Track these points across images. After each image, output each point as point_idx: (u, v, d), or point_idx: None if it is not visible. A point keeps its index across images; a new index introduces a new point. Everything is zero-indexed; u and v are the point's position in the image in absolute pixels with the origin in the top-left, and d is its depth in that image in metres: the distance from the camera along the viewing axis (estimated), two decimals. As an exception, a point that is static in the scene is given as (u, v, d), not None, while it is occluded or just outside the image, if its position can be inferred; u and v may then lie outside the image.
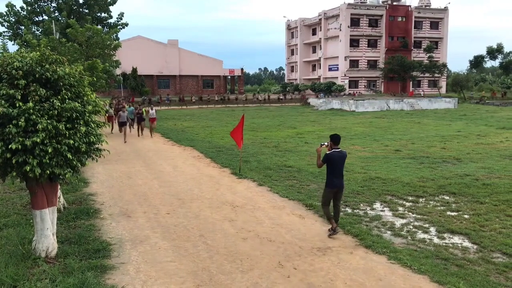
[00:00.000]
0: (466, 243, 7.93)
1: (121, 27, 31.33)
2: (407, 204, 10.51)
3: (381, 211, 10.01)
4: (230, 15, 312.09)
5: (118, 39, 27.68)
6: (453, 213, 9.67)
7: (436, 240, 8.09)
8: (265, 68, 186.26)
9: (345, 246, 7.69)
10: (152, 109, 23.69)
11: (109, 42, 22.80)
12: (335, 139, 8.29)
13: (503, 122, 30.57)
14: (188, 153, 18.35)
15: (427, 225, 8.87)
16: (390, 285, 6.15)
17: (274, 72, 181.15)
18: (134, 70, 62.89)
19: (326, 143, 8.38)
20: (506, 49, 70.93)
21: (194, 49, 74.87)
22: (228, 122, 31.60)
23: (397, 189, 11.73)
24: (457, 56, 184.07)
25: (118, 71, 37.95)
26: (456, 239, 8.15)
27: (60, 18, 35.29)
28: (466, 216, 9.43)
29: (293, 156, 17.01)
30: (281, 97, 61.89)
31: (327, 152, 8.19)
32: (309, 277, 6.44)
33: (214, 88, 71.71)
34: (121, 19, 30.76)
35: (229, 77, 78.70)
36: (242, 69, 76.36)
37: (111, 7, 37.17)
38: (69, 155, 6.22)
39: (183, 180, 12.99)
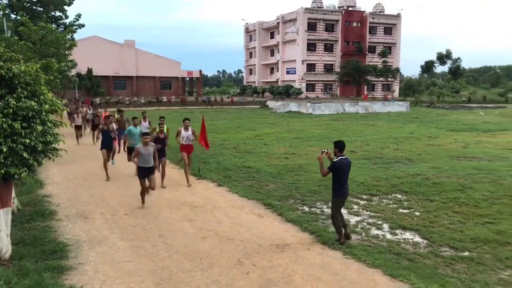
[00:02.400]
0: (417, 239, 8.32)
1: (77, 27, 30.50)
2: (362, 202, 10.89)
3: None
4: (189, 16, 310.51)
5: (73, 39, 26.94)
6: (405, 211, 10.10)
7: (388, 236, 8.44)
8: (224, 71, 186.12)
9: (303, 243, 7.90)
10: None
11: (64, 41, 22.18)
12: (340, 146, 7.87)
13: (452, 125, 31.96)
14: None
15: (380, 222, 9.23)
16: (345, 279, 6.39)
17: (233, 74, 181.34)
18: (89, 71, 61.39)
19: (326, 150, 8.04)
20: (454, 55, 74.06)
21: (152, 50, 74.12)
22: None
23: (352, 188, 12.05)
24: (409, 61, 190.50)
25: (73, 72, 36.89)
26: (408, 235, 8.53)
27: (12, 16, 34.06)
28: (417, 213, 9.87)
29: (252, 157, 17.18)
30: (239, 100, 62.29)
31: (335, 160, 7.80)
32: (267, 273, 6.59)
33: (172, 90, 71.00)
34: (78, 20, 29.95)
35: (188, 78, 78.17)
36: (200, 71, 76.05)
37: (67, 7, 36.16)
38: (25, 154, 6.11)
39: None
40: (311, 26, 73.54)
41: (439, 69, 78.87)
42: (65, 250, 7.24)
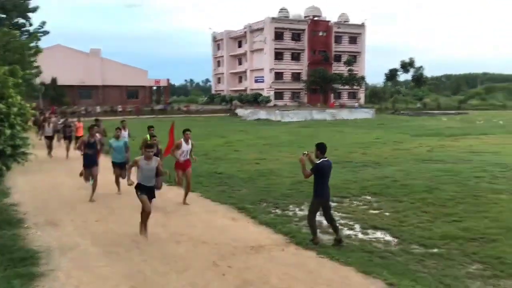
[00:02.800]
0: (388, 237, 8.51)
1: (41, 34, 29.87)
2: (333, 204, 10.99)
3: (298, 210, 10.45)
4: (156, 25, 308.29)
5: (38, 46, 26.35)
6: (375, 211, 10.32)
7: (360, 235, 8.60)
8: (191, 80, 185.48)
9: (277, 244, 7.96)
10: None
11: (28, 48, 21.69)
12: (322, 148, 8.02)
13: (416, 130, 32.82)
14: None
15: (352, 223, 9.40)
16: (320, 277, 6.48)
17: (200, 83, 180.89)
18: (54, 80, 60.08)
19: (307, 152, 8.15)
20: (417, 64, 76.13)
21: (119, 59, 73.09)
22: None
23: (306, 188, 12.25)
24: (374, 70, 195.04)
25: (37, 80, 36.00)
26: (379, 234, 8.71)
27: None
28: (387, 214, 10.09)
29: (223, 164, 17.19)
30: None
31: (317, 162, 7.93)
32: (243, 274, 6.61)
33: (139, 99, 70.28)
34: (42, 27, 29.33)
35: (155, 87, 77.53)
36: (168, 80, 75.68)
37: (30, 14, 35.34)
38: (-7, 158, 5.97)
39: (111, 189, 12.65)
40: (278, 35, 74.39)
41: (402, 77, 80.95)
42: (35, 257, 7.06)
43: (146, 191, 8.23)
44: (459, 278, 6.55)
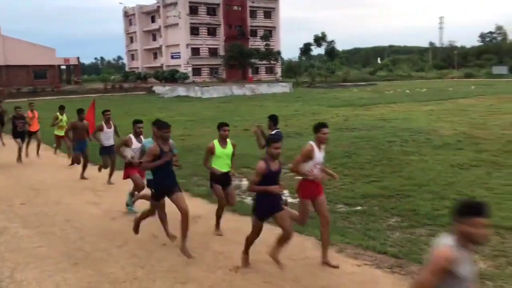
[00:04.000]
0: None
1: None
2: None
3: (239, 181, 10.84)
4: (62, 2, 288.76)
5: None
6: (300, 178, 10.89)
7: (289, 200, 9.08)
8: (102, 58, 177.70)
9: (213, 213, 8.21)
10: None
11: None
12: (275, 120, 8.12)
13: (331, 102, 34.37)
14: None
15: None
16: (258, 239, 6.85)
17: (112, 61, 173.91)
18: None
19: (258, 124, 8.29)
20: (329, 38, 78.82)
21: (24, 38, 67.62)
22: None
23: (250, 161, 12.65)
24: (289, 45, 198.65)
25: None
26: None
27: None
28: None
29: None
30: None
31: (272, 133, 7.92)
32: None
33: (48, 79, 66.16)
34: None
35: (64, 67, 73.39)
36: (78, 58, 71.86)
37: None
38: None
39: (33, 171, 12.15)
40: (193, 10, 73.14)
41: (316, 51, 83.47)
42: (-38, 244, 6.75)
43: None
44: (381, 230, 7.26)
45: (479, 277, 5.45)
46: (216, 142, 7.33)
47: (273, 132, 8.06)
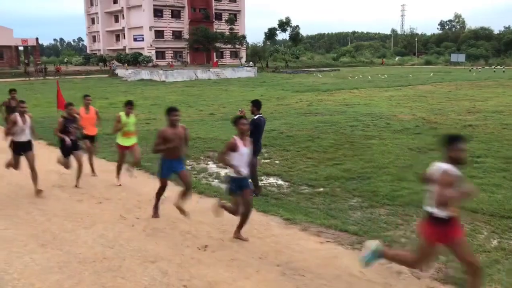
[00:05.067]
0: (280, 182, 9.39)
1: None
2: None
3: (206, 164, 10.99)
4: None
5: None
6: (266, 160, 11.14)
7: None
8: (61, 39, 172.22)
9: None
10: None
11: None
12: (257, 105, 8.31)
13: (296, 87, 34.73)
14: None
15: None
16: (224, 219, 7.06)
17: (72, 43, 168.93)
18: None
19: (242, 109, 8.43)
20: (294, 23, 79.05)
21: (-26, 16, 64.49)
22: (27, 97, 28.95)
23: (217, 145, 12.79)
24: (254, 29, 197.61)
25: None
26: (272, 180, 9.55)
27: None
28: (277, 162, 11.00)
29: (111, 125, 16.77)
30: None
31: (254, 118, 8.14)
32: (152, 223, 6.95)
33: (5, 60, 63.66)
34: None
35: (22, 48, 70.71)
36: (37, 39, 69.30)
37: None
38: None
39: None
40: (156, -8, 71.74)
41: (280, 36, 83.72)
42: None
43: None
44: (343, 210, 7.60)
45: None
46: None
47: (255, 117, 8.23)
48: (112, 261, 5.63)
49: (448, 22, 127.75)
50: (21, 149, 8.41)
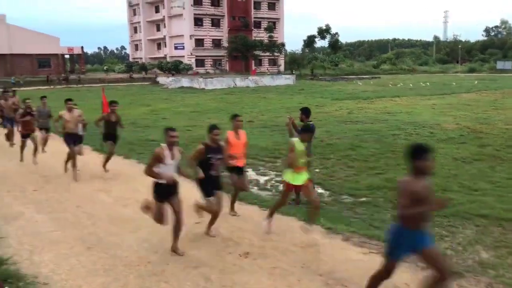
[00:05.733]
0: (320, 190, 9.28)
1: None
2: (267, 164, 11.70)
3: (245, 171, 11.01)
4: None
5: None
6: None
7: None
8: (105, 47, 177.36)
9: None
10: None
11: None
12: (307, 112, 8.22)
13: (335, 94, 34.46)
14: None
15: (287, 179, 10.08)
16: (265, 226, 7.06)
17: (115, 51, 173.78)
18: None
19: (290, 116, 8.36)
20: (333, 30, 78.60)
21: (27, 25, 67.62)
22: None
23: (256, 152, 12.85)
24: (292, 37, 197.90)
25: None
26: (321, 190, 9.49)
27: None
28: (317, 170, 10.89)
29: (153, 131, 17.19)
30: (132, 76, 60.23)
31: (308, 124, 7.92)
32: (195, 229, 7.02)
33: (52, 68, 66.23)
34: None
35: (68, 56, 73.42)
36: (82, 48, 71.87)
37: None
38: None
39: (40, 158, 12.30)
40: (197, 1, 73.02)
41: (319, 43, 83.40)
42: (-21, 227, 6.96)
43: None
44: (386, 221, 7.42)
45: (482, 267, 5.66)
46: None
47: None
48: (156, 266, 5.73)
49: (494, 28, 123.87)
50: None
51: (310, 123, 8.11)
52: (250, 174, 10.76)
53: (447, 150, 12.79)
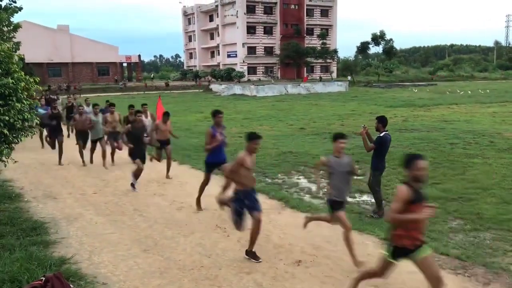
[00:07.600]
0: (374, 200, 9.09)
1: (14, 9, 28.86)
2: (319, 172, 11.56)
3: (297, 179, 10.98)
4: (123, 0, 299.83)
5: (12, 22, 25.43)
6: (359, 177, 10.84)
7: (349, 199, 9.13)
8: (161, 55, 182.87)
9: (273, 208, 8.45)
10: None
11: (7, 22, 21.06)
12: (383, 121, 7.95)
13: (389, 102, 33.73)
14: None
15: (339, 188, 9.94)
16: (319, 235, 7.01)
17: (170, 59, 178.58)
18: (21, 58, 58.30)
19: (365, 125, 8.33)
20: (388, 36, 76.96)
21: (87, 35, 71.14)
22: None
23: (308, 160, 12.79)
24: (345, 43, 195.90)
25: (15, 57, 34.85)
26: (365, 197, 9.33)
27: None
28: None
29: (206, 137, 17.48)
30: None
31: (381, 135, 7.94)
32: (247, 235, 7.03)
33: (110, 75, 69.08)
34: (15, 1, 28.46)
35: (125, 64, 76.24)
36: (139, 56, 74.43)
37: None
38: (5, 131, 6.15)
39: (101, 163, 12.82)
40: (250, 9, 73.78)
41: (373, 50, 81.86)
42: (43, 227, 7.33)
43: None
44: (444, 233, 7.19)
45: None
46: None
47: (381, 134, 7.91)
48: (209, 270, 5.81)
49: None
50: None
51: (386, 132, 7.89)
52: (302, 181, 10.72)
53: (510, 160, 12.19)
